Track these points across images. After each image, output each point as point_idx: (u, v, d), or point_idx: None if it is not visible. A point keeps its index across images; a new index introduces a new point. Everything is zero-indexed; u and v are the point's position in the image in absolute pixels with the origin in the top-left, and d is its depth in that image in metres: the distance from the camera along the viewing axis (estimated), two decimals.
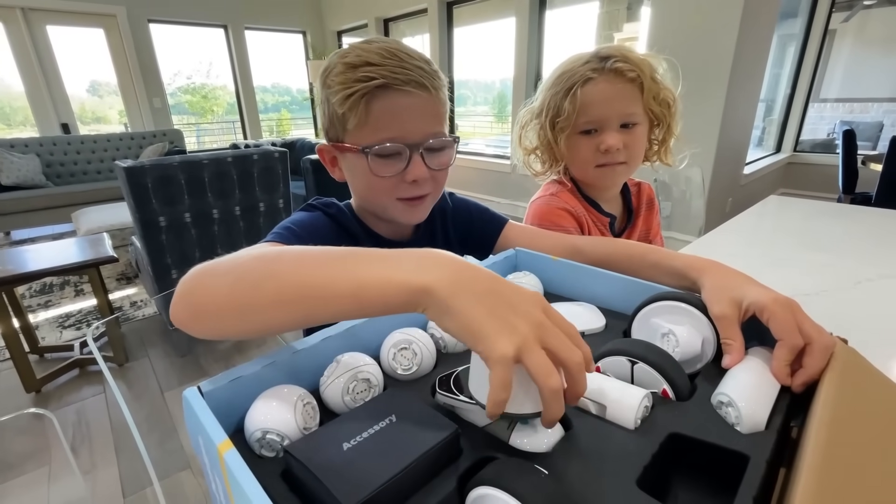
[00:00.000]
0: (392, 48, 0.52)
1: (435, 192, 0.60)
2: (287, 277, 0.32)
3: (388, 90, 0.51)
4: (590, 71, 0.70)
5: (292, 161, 3.16)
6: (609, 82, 0.70)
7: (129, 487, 1.33)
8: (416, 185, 0.56)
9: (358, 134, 0.54)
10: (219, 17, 5.12)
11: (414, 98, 0.52)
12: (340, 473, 0.26)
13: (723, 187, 3.09)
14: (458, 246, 0.71)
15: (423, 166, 0.55)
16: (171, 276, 1.85)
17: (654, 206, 0.91)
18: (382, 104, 0.52)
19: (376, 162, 0.54)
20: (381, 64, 0.50)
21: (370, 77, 0.50)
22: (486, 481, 0.25)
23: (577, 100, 0.71)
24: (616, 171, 0.75)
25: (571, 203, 0.79)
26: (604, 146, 0.71)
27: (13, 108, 4.51)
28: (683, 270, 0.47)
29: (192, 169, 1.75)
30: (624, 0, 3.67)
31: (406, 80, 0.51)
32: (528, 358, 0.26)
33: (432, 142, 0.55)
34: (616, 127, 0.72)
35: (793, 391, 0.34)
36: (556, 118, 0.74)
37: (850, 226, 1.24)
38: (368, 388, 0.36)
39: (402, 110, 0.52)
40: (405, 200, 0.57)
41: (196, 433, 0.31)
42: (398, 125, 0.53)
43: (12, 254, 1.80)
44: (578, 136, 0.74)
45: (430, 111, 0.54)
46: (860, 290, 0.83)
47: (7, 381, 1.82)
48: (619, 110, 0.71)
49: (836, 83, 4.46)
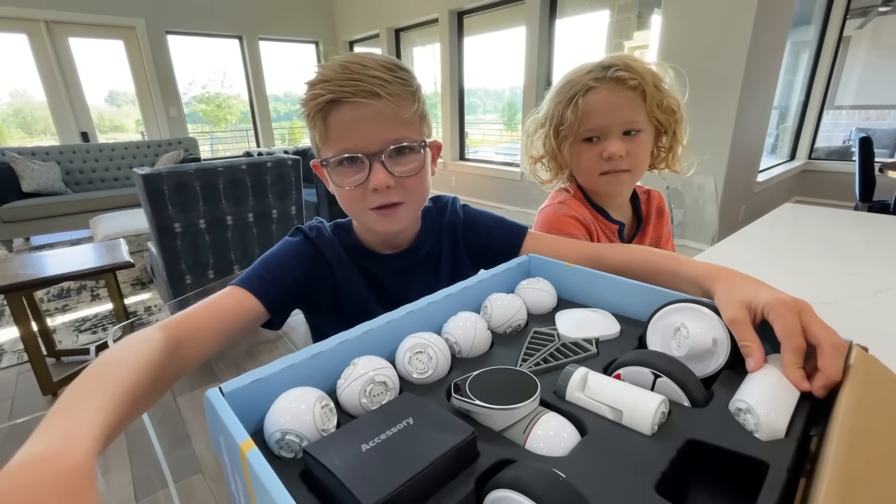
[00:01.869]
0: (347, 61, 0.53)
1: (410, 199, 0.58)
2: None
3: (338, 104, 0.52)
4: (591, 80, 0.71)
5: (304, 169, 3.20)
6: (610, 91, 0.71)
7: (141, 491, 1.34)
8: (381, 193, 0.55)
9: (324, 149, 0.56)
10: (234, 29, 5.23)
11: (365, 108, 0.52)
12: (360, 474, 0.26)
13: (736, 195, 3.06)
14: (472, 259, 0.70)
15: (384, 173, 0.54)
16: (185, 282, 1.88)
17: (665, 214, 0.90)
18: (336, 118, 0.53)
19: (337, 173, 0.55)
20: (331, 80, 0.52)
21: (320, 94, 0.52)
22: (504, 484, 0.25)
23: (579, 108, 0.72)
24: (620, 178, 0.75)
25: (580, 210, 0.79)
26: (606, 153, 0.72)
27: (35, 117, 4.64)
28: (697, 279, 0.47)
29: (207, 176, 1.78)
30: (634, 8, 3.68)
31: (354, 91, 0.51)
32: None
33: (392, 148, 0.54)
34: (619, 135, 0.72)
35: (814, 397, 0.34)
36: (559, 126, 0.75)
37: (868, 234, 1.22)
38: (385, 391, 0.37)
39: (353, 121, 0.53)
40: (376, 210, 0.57)
41: (217, 433, 0.32)
42: (353, 136, 0.53)
43: (32, 259, 1.85)
44: (582, 145, 0.75)
45: (388, 118, 0.54)
46: (880, 299, 0.81)
47: (25, 384, 1.85)
48: (621, 118, 0.71)
49: (851, 90, 4.40)
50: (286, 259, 0.60)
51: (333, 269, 0.63)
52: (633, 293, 0.49)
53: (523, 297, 0.52)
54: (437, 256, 0.68)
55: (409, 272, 0.66)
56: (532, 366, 0.42)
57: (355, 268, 0.64)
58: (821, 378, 0.33)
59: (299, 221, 2.15)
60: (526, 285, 0.54)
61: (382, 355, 0.40)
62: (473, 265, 0.70)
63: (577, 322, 0.48)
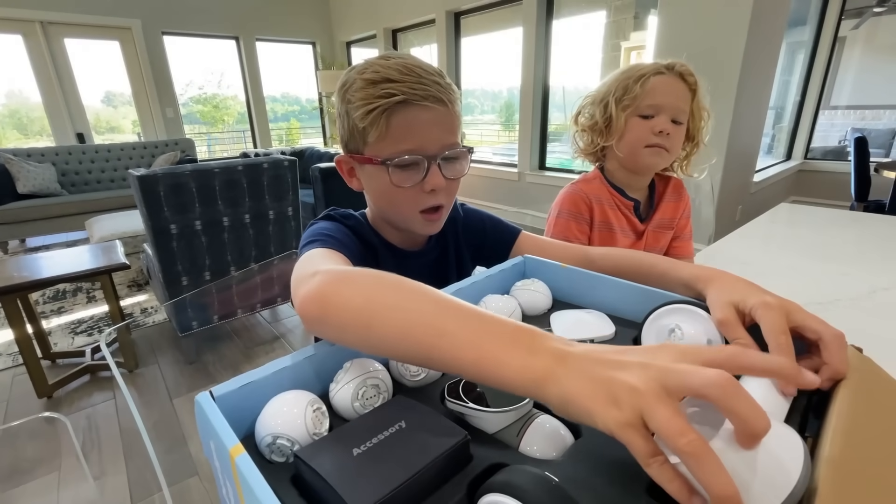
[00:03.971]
0: (410, 64, 0.55)
1: (448, 203, 0.62)
2: (417, 318, 0.32)
3: (407, 105, 0.53)
4: (662, 67, 0.84)
5: (301, 170, 3.20)
6: (675, 80, 0.84)
7: (137, 494, 1.33)
8: (434, 194, 0.58)
9: (378, 146, 0.56)
10: (231, 29, 5.22)
11: (431, 112, 0.54)
12: (351, 478, 0.26)
13: (732, 195, 3.07)
14: (470, 256, 0.72)
15: (439, 176, 0.57)
16: (181, 284, 1.87)
17: (683, 198, 0.98)
18: (402, 118, 0.54)
19: (396, 173, 0.56)
20: (400, 80, 0.53)
21: (390, 93, 0.53)
22: (497, 488, 0.25)
23: (648, 84, 0.83)
24: (660, 153, 0.86)
25: (594, 191, 0.91)
26: (658, 128, 0.83)
27: (30, 118, 4.62)
28: (689, 281, 0.47)
29: (203, 177, 1.77)
30: (631, 9, 3.69)
31: (424, 95, 0.53)
32: (649, 418, 0.23)
33: (448, 152, 0.57)
34: (669, 118, 0.84)
35: (808, 398, 0.33)
36: (623, 97, 0.86)
37: (863, 234, 1.22)
38: (378, 394, 0.36)
39: (420, 124, 0.54)
40: (425, 213, 0.60)
41: (208, 437, 0.32)
42: (416, 138, 0.55)
43: (27, 260, 1.84)
44: (636, 119, 0.86)
45: (446, 123, 0.56)
46: (875, 300, 0.82)
47: (20, 387, 1.84)
48: (676, 105, 0.84)
49: (846, 90, 4.43)
50: (344, 235, 0.61)
51: (379, 259, 0.64)
52: (628, 294, 0.49)
53: (518, 299, 0.52)
54: (447, 255, 0.71)
55: (428, 269, 0.69)
56: None
57: (393, 262, 0.65)
58: (827, 370, 0.33)
59: (296, 223, 2.14)
60: (521, 286, 0.54)
61: (376, 358, 0.40)
62: (470, 264, 0.73)
63: (572, 323, 0.48)
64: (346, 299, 0.35)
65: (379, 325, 0.33)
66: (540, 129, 3.91)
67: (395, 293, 0.35)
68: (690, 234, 1.00)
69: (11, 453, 1.48)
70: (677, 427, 0.21)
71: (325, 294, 0.36)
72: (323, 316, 0.36)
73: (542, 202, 3.88)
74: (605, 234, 0.91)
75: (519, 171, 4.06)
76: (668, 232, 0.96)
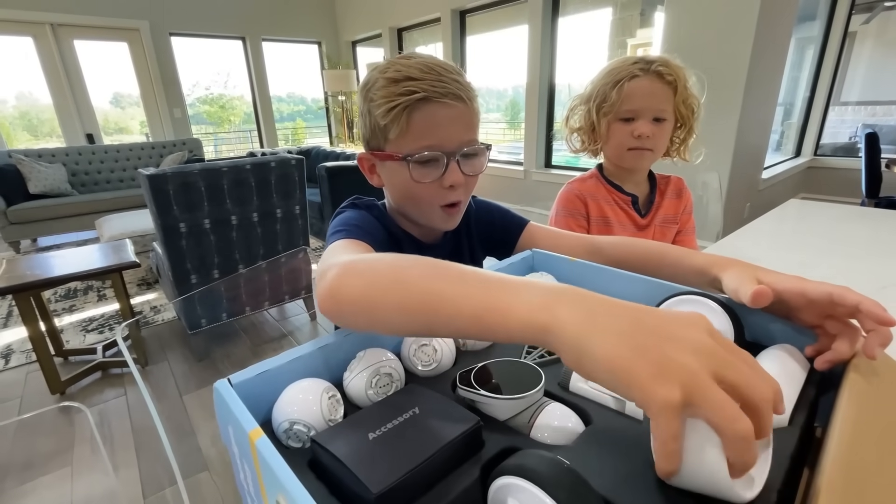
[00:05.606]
0: (430, 63, 0.56)
1: (466, 199, 0.63)
2: (414, 287, 0.33)
3: (428, 102, 0.55)
4: (637, 69, 0.83)
5: (308, 169, 3.20)
6: (651, 81, 0.83)
7: (148, 488, 1.35)
8: (453, 190, 0.59)
9: (399, 143, 0.57)
10: (237, 30, 5.25)
11: (451, 109, 0.56)
12: (367, 461, 0.27)
13: (741, 192, 3.05)
14: (480, 246, 0.74)
15: (458, 172, 0.58)
16: (190, 281, 1.89)
17: (684, 196, 0.99)
18: (422, 115, 0.55)
19: (416, 168, 0.57)
20: (421, 78, 0.54)
21: (412, 91, 0.54)
22: (510, 471, 0.26)
23: (623, 91, 0.84)
24: (644, 155, 0.88)
25: (590, 189, 0.94)
26: (637, 132, 0.85)
27: (41, 119, 4.68)
28: (705, 267, 0.47)
29: (211, 176, 1.79)
30: (637, 6, 3.67)
31: (444, 92, 0.55)
32: (701, 400, 0.22)
33: (467, 149, 0.58)
34: (650, 119, 0.85)
35: (817, 388, 0.34)
36: (602, 104, 0.87)
37: (874, 230, 1.21)
38: (391, 382, 0.37)
39: (440, 120, 0.56)
40: (445, 208, 0.61)
41: (226, 423, 0.32)
42: (436, 134, 0.56)
43: (39, 259, 1.86)
44: (618, 123, 0.88)
45: (465, 120, 0.58)
46: (886, 295, 0.81)
47: (33, 383, 1.87)
48: (655, 105, 0.84)
49: (857, 86, 4.37)
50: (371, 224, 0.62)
51: (403, 249, 0.65)
52: (637, 286, 0.50)
53: None
54: (461, 247, 0.72)
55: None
56: (536, 358, 0.42)
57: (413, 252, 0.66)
58: (875, 337, 0.34)
59: (303, 221, 2.16)
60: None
61: (388, 348, 0.40)
62: (480, 254, 0.74)
63: None
64: (352, 288, 0.36)
65: (381, 304, 0.34)
66: (546, 126, 3.90)
67: (387, 273, 0.35)
68: (693, 229, 1.01)
69: (26, 448, 1.50)
70: (734, 412, 0.21)
71: (334, 288, 0.37)
72: (337, 310, 0.37)
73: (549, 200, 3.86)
74: (603, 229, 0.93)
75: (525, 168, 4.06)
76: (673, 226, 0.98)
